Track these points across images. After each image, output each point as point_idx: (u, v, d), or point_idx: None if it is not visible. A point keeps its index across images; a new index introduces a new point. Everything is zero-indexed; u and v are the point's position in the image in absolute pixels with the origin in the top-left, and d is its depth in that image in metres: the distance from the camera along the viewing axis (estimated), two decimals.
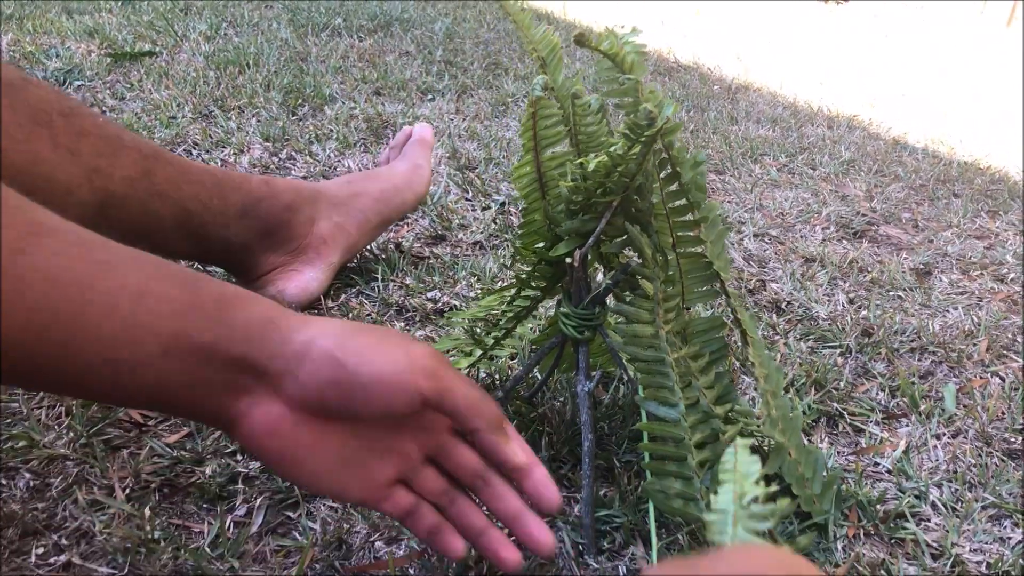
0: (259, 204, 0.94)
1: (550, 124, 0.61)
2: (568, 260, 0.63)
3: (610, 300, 0.68)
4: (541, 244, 0.66)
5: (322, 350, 0.47)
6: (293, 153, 1.46)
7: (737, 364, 0.92)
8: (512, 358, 0.86)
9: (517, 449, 0.53)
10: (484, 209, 1.32)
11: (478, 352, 0.75)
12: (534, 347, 0.83)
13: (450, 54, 2.32)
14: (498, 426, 0.52)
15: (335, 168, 1.42)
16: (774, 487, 0.59)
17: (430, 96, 1.92)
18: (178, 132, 1.47)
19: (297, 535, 0.64)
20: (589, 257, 0.64)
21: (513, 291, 0.71)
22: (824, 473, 0.73)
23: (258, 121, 1.59)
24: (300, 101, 1.74)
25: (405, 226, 1.22)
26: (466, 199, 1.35)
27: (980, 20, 5.78)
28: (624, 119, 0.57)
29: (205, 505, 0.67)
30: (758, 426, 0.66)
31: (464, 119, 1.77)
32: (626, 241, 0.63)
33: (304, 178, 1.38)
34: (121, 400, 0.47)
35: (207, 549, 0.62)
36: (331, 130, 1.58)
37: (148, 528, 0.62)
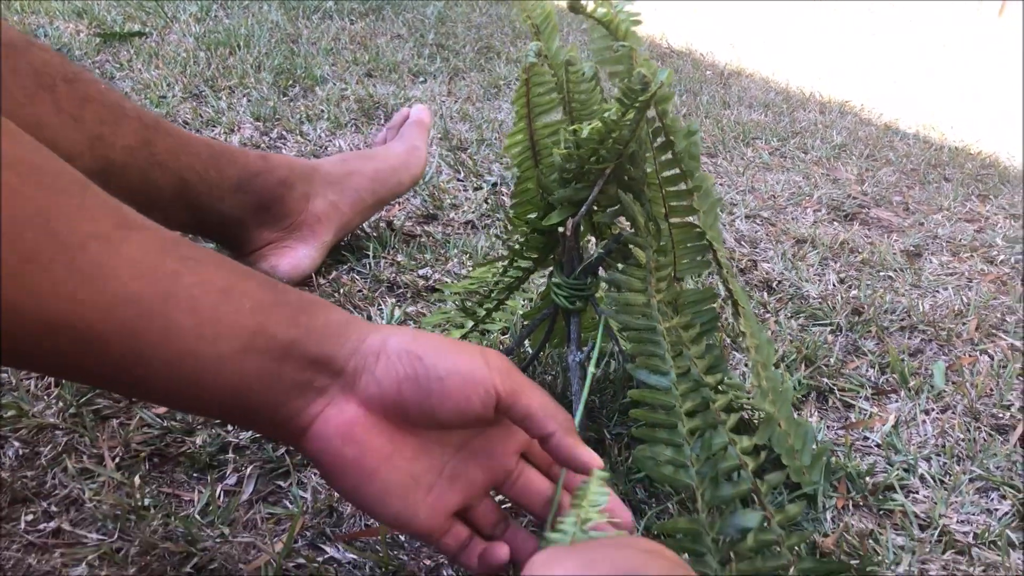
0: (255, 178, 0.94)
1: (543, 91, 0.61)
2: (560, 229, 0.63)
3: (602, 272, 0.68)
4: (534, 214, 0.65)
5: (399, 346, 0.47)
6: (284, 133, 1.46)
7: (728, 341, 0.92)
8: (504, 332, 0.86)
9: (590, 452, 0.51)
10: (476, 189, 1.32)
11: (469, 324, 0.75)
12: (525, 321, 0.83)
13: (442, 37, 2.31)
14: (571, 429, 0.51)
15: (326, 148, 1.42)
16: (763, 456, 0.60)
17: (422, 78, 1.92)
18: (168, 111, 1.46)
19: (288, 503, 0.64)
20: (582, 227, 0.64)
21: (505, 262, 0.71)
22: (814, 445, 0.73)
23: (249, 101, 1.58)
24: (291, 82, 1.73)
25: (397, 205, 1.22)
26: (458, 179, 1.35)
27: (974, 16, 5.80)
28: (618, 85, 0.56)
29: (195, 474, 0.67)
30: (748, 398, 0.67)
31: (456, 101, 1.77)
32: (619, 210, 0.63)
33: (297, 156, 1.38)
34: (196, 401, 0.45)
35: (197, 516, 0.62)
36: (322, 110, 1.57)
37: (138, 496, 0.62)
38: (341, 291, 0.94)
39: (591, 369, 0.63)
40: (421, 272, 1.01)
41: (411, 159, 1.10)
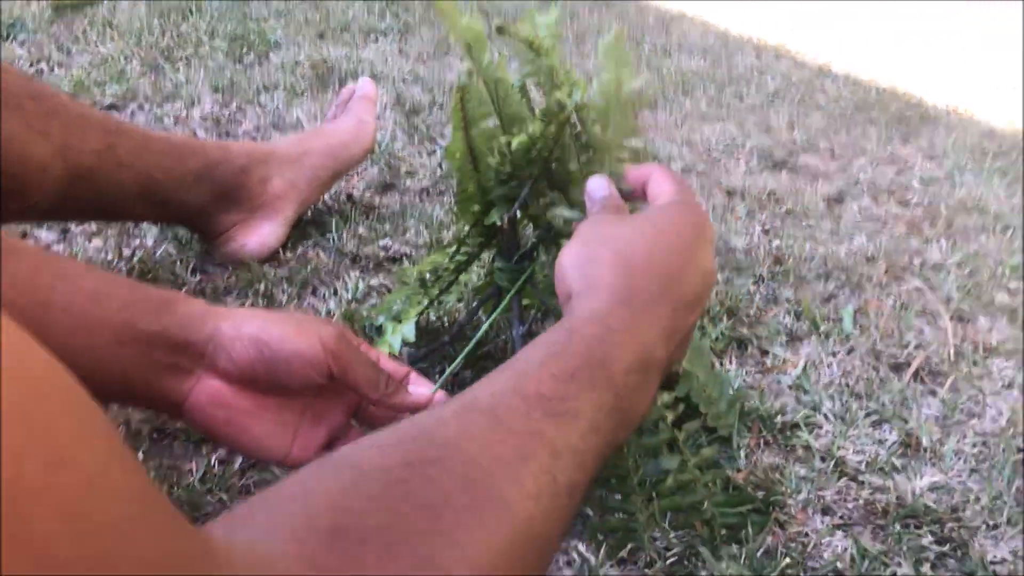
0: (215, 168, 1.02)
1: (476, 105, 0.70)
2: (498, 223, 0.72)
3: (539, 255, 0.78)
4: (476, 208, 0.75)
5: (250, 333, 0.57)
6: (243, 104, 1.52)
7: None
8: (459, 301, 0.96)
9: (418, 390, 0.63)
10: (430, 154, 1.40)
11: (426, 300, 0.84)
12: (477, 295, 0.93)
13: None
14: (395, 390, 0.62)
15: (284, 118, 1.49)
16: (680, 408, 0.71)
17: (373, 37, 1.97)
18: (128, 88, 1.51)
19: (275, 469, 0.74)
20: (519, 218, 0.73)
21: (454, 248, 0.80)
22: (730, 392, 0.85)
23: (205, 71, 1.64)
24: (245, 48, 1.78)
25: (356, 175, 1.30)
26: (412, 145, 1.43)
27: None
28: (540, 107, 0.66)
29: (191, 446, 0.76)
30: None
31: (408, 60, 1.83)
32: (549, 203, 0.72)
33: (256, 129, 1.45)
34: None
35: (197, 484, 0.71)
36: (278, 79, 1.63)
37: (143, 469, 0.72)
38: (308, 267, 1.03)
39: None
40: (381, 243, 1.10)
41: (360, 132, 1.18)
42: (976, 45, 2.49)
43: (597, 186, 0.61)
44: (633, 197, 0.65)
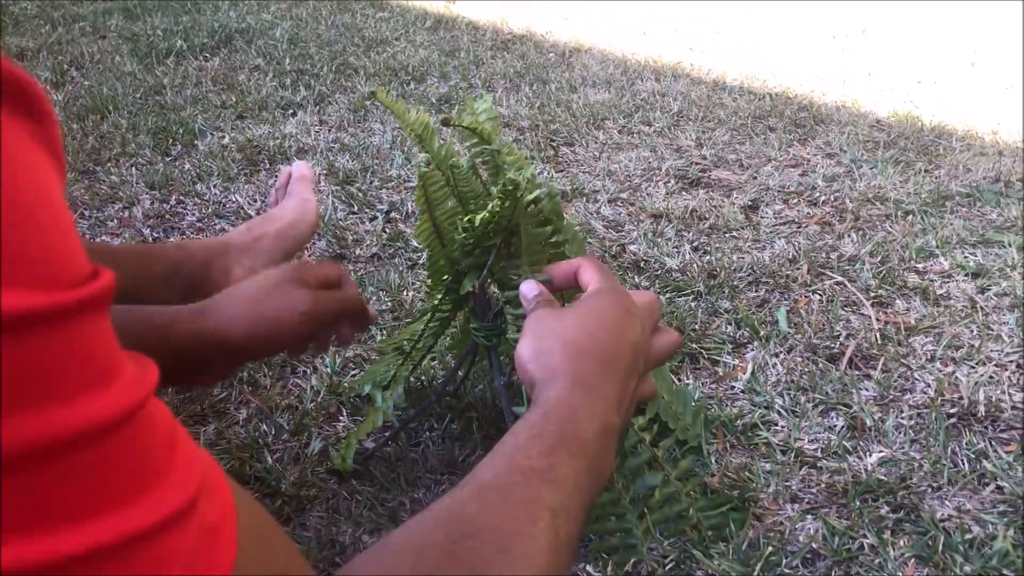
0: (179, 268, 1.08)
1: (436, 188, 0.78)
2: (470, 288, 0.80)
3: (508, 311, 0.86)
4: (446, 278, 0.83)
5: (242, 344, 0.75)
6: (181, 197, 1.57)
7: None
8: (432, 360, 1.04)
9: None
10: (372, 220, 1.47)
11: (410, 366, 0.92)
12: (452, 352, 1.01)
13: (298, 61, 2.42)
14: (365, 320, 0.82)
15: (224, 205, 1.54)
16: (655, 428, 0.79)
17: (291, 111, 2.03)
18: (64, 196, 1.55)
19: (296, 544, 0.81)
20: (488, 282, 0.82)
21: (428, 316, 0.88)
22: (692, 404, 0.94)
23: (138, 170, 1.68)
24: (171, 140, 1.83)
25: (306, 252, 1.36)
26: (353, 213, 1.50)
27: None
28: (496, 188, 0.74)
29: None
30: None
31: (330, 130, 1.90)
32: (511, 266, 0.81)
33: (199, 220, 1.50)
34: None
35: None
36: (209, 166, 1.68)
37: None
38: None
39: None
40: None
41: (305, 211, 1.25)
42: (843, 39, 2.67)
43: (528, 289, 0.71)
44: (556, 287, 0.76)
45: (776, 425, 0.95)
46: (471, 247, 0.79)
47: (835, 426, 0.95)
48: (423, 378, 1.01)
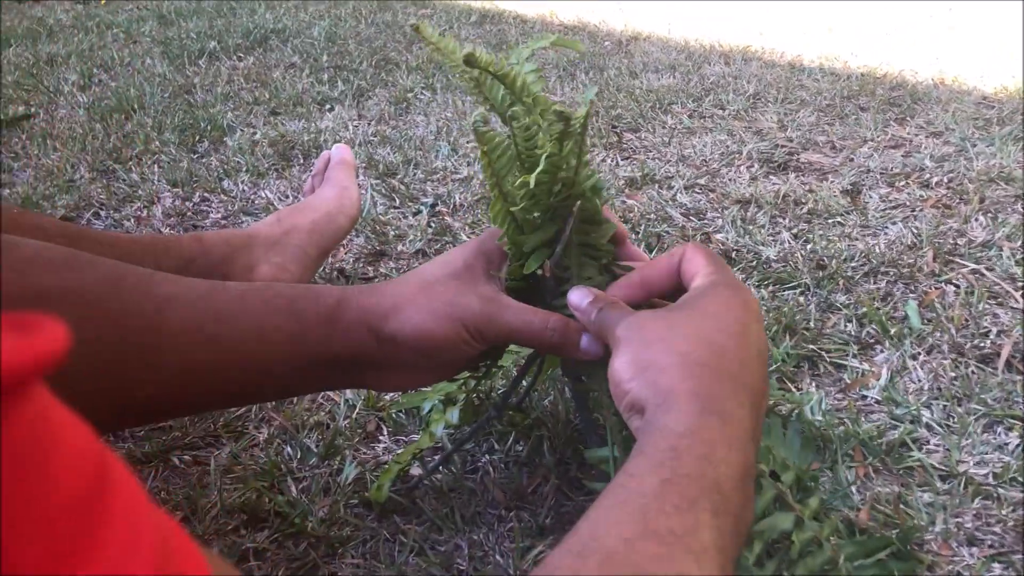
0: (191, 265, 0.91)
1: (500, 154, 0.60)
2: (539, 272, 0.62)
3: None
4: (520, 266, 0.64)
5: (404, 343, 0.58)
6: (205, 194, 1.41)
7: None
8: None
9: (591, 348, 0.60)
10: (415, 214, 1.30)
11: (472, 382, 0.74)
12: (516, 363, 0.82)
13: (336, 58, 2.26)
14: (561, 344, 0.60)
15: (252, 201, 1.38)
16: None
17: (328, 106, 1.87)
18: (80, 195, 1.40)
19: None
20: (564, 262, 0.63)
21: None
22: (784, 430, 0.73)
23: (160, 167, 1.53)
24: (198, 137, 1.68)
25: (342, 249, 1.19)
26: (395, 207, 1.33)
27: None
28: (546, 128, 0.57)
29: None
30: None
31: (370, 123, 1.74)
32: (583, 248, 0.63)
33: (224, 218, 1.34)
34: (276, 398, 0.68)
35: None
36: (238, 162, 1.52)
37: None
38: None
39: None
40: None
41: (344, 201, 1.08)
42: (927, 18, 2.45)
43: (579, 298, 0.59)
44: (653, 289, 0.61)
45: (928, 443, 0.75)
46: (537, 219, 0.61)
47: (1006, 444, 0.74)
48: (480, 390, 0.82)
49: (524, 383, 0.76)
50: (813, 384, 0.84)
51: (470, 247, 0.63)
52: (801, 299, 0.98)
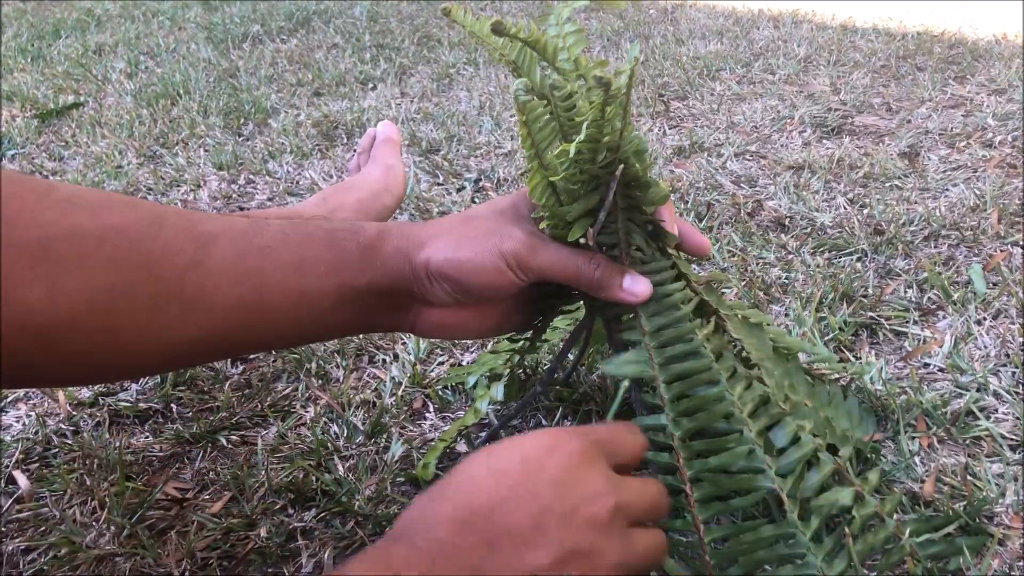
0: None
1: (542, 126, 0.58)
2: (582, 241, 0.60)
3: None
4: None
5: (438, 270, 0.56)
6: (251, 176, 1.41)
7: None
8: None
9: (636, 287, 0.59)
10: (459, 190, 1.28)
11: (517, 357, 0.72)
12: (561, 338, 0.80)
13: (378, 37, 2.25)
14: (605, 283, 0.58)
15: (297, 183, 1.38)
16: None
17: (371, 85, 1.87)
18: (128, 181, 1.41)
19: None
20: (611, 230, 0.61)
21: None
22: (844, 400, 0.70)
23: (206, 151, 1.53)
24: (242, 120, 1.68)
25: None
26: (438, 184, 1.31)
27: None
28: (585, 93, 0.54)
29: (269, 569, 0.64)
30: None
31: (412, 101, 1.72)
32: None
33: (269, 199, 1.34)
34: (315, 339, 0.64)
35: None
36: (283, 143, 1.52)
37: None
38: (359, 335, 0.90)
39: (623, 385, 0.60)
40: None
41: (390, 179, 1.06)
42: None
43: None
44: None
45: (997, 412, 0.72)
46: (581, 188, 0.58)
47: None
48: (526, 366, 0.81)
49: (571, 357, 0.75)
50: (872, 353, 0.81)
51: (518, 193, 0.62)
52: (858, 265, 0.95)
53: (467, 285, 0.56)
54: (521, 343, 0.70)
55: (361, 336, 0.90)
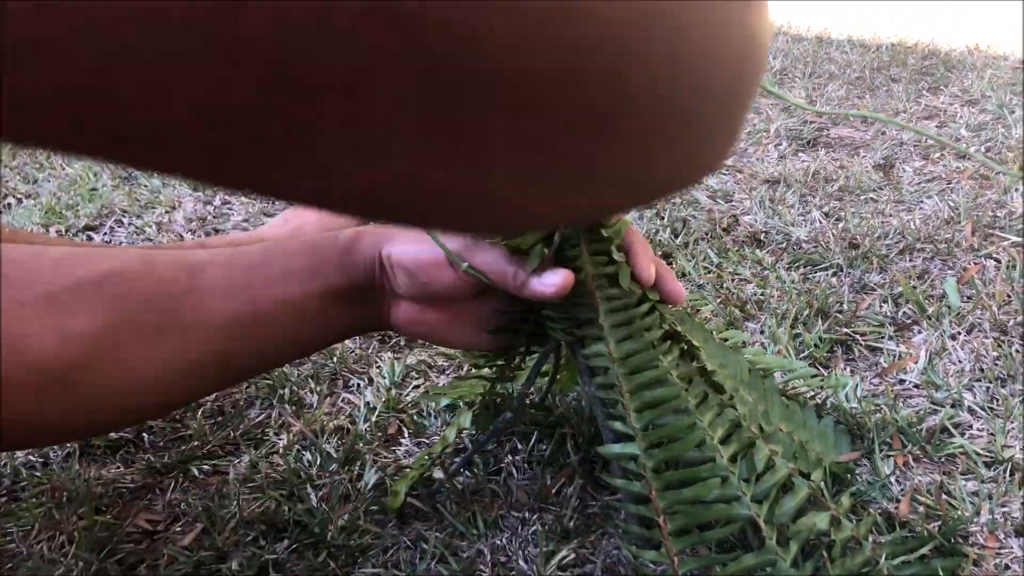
0: None
1: None
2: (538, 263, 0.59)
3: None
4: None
5: (397, 261, 0.59)
6: (226, 198, 1.40)
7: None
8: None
9: (548, 279, 0.59)
10: None
11: (489, 383, 0.71)
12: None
13: None
14: (524, 282, 0.59)
15: (273, 203, 1.37)
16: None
17: None
18: (103, 203, 1.40)
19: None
20: (571, 252, 0.60)
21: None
22: (818, 420, 0.69)
23: None
24: None
25: None
26: None
27: None
28: None
29: None
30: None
31: None
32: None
33: (245, 220, 1.33)
34: (307, 348, 0.63)
35: None
36: None
37: None
38: (333, 359, 0.89)
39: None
40: None
41: None
42: None
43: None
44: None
45: (971, 428, 0.72)
46: None
47: None
48: (499, 394, 0.80)
49: (545, 379, 0.74)
50: (848, 369, 0.81)
51: None
52: (834, 280, 0.95)
53: (418, 278, 0.60)
54: (494, 370, 0.69)
55: (336, 359, 0.89)
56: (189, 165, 0.17)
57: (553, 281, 0.58)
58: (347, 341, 0.94)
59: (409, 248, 0.60)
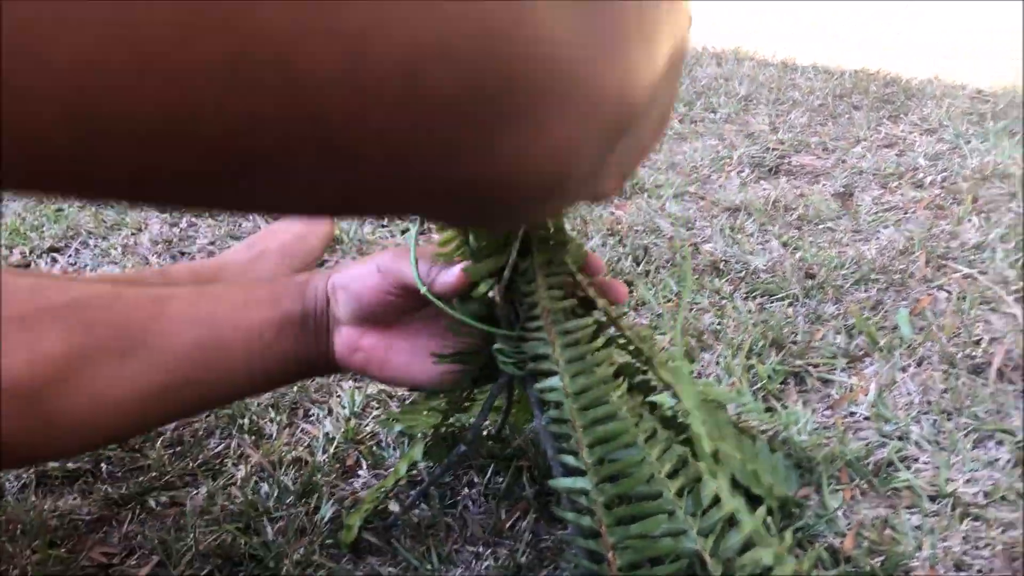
0: None
1: None
2: (488, 295, 0.60)
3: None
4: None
5: (337, 282, 0.62)
6: (193, 220, 1.40)
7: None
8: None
9: (444, 279, 0.62)
10: (403, 232, 1.29)
11: (440, 416, 0.72)
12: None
13: None
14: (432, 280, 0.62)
15: (239, 224, 1.37)
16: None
17: None
18: (69, 224, 1.39)
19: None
20: (521, 288, 0.61)
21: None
22: (770, 454, 0.71)
23: None
24: None
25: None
26: (382, 226, 1.31)
27: None
28: None
29: None
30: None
31: None
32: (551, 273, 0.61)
33: (211, 243, 1.33)
34: (258, 384, 0.64)
35: None
36: None
37: None
38: (294, 389, 0.90)
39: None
40: None
41: (314, 222, 1.08)
42: (925, 11, 2.42)
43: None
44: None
45: (918, 461, 0.73)
46: (486, 247, 0.59)
47: (997, 460, 0.72)
48: (450, 424, 0.81)
49: (499, 413, 0.75)
50: (800, 401, 0.82)
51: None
52: (789, 311, 0.96)
53: (351, 290, 0.62)
54: (446, 402, 0.70)
55: (296, 388, 0.90)
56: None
57: (443, 279, 0.61)
58: None
59: (349, 271, 0.63)
